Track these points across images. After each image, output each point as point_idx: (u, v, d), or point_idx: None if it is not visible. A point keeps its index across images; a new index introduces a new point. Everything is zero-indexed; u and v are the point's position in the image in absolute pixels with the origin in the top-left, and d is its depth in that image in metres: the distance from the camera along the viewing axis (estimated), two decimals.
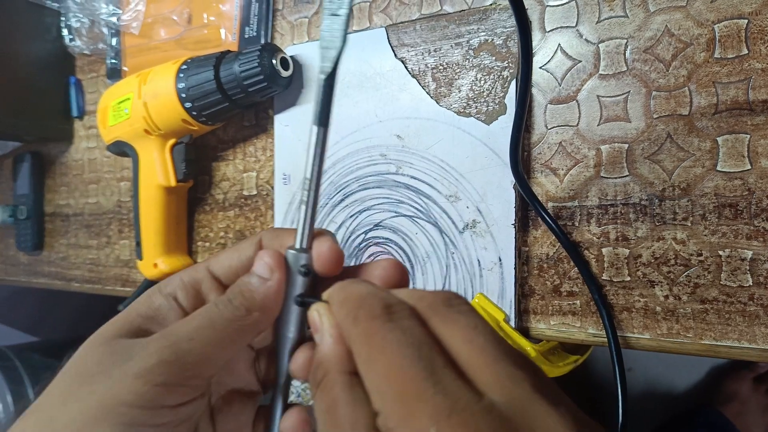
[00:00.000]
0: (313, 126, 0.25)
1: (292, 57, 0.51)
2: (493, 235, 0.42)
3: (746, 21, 0.35)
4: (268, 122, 0.55)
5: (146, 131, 0.55)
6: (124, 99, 0.55)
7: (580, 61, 0.40)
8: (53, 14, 0.71)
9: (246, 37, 0.56)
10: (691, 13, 0.36)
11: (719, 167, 0.35)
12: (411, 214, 0.46)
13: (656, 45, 0.37)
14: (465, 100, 0.43)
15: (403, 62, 0.46)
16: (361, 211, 0.48)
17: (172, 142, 0.55)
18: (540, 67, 0.41)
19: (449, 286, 0.44)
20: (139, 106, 0.54)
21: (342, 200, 0.49)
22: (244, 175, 0.57)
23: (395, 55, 0.46)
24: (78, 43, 0.70)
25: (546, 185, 0.41)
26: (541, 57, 0.41)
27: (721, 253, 0.35)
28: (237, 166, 0.57)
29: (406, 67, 0.46)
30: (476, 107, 0.43)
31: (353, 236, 0.49)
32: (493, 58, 0.42)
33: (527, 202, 0.41)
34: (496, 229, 0.42)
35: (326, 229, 0.27)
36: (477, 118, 0.43)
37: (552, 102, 0.41)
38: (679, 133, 0.37)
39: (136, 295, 0.61)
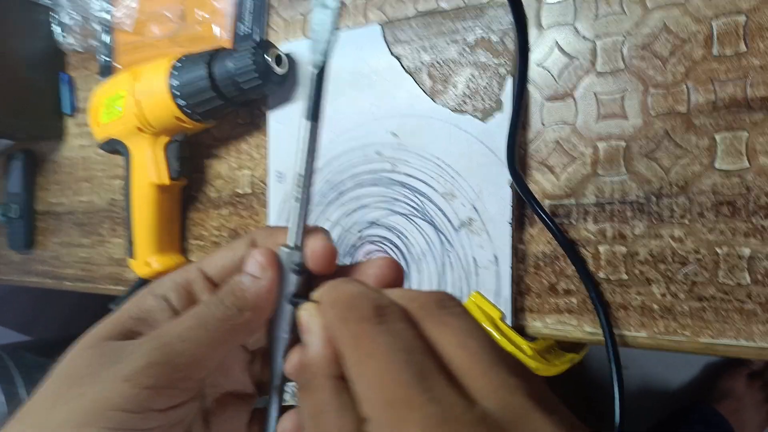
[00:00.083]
0: (304, 121, 0.25)
1: (286, 54, 0.50)
2: (489, 233, 0.41)
3: (744, 17, 0.34)
4: (262, 120, 0.54)
5: (139, 129, 0.54)
6: (116, 96, 0.55)
7: (576, 58, 0.40)
8: (45, 11, 0.71)
9: (240, 34, 0.55)
10: (689, 9, 0.36)
11: (717, 165, 0.35)
12: (406, 212, 0.45)
13: (654, 42, 0.37)
14: (461, 98, 0.43)
15: (398, 59, 0.46)
16: (356, 209, 0.48)
17: (165, 140, 0.55)
18: (537, 64, 0.41)
19: (445, 284, 0.44)
20: (131, 104, 0.53)
21: (337, 198, 0.49)
22: (238, 173, 0.56)
23: (390, 52, 0.46)
24: (70, 40, 0.69)
25: (542, 183, 0.41)
26: (537, 54, 0.41)
27: (718, 250, 0.35)
28: (231, 164, 0.57)
29: (401, 64, 0.45)
30: (472, 104, 0.42)
31: (348, 234, 0.48)
32: (490, 54, 0.42)
33: (524, 200, 0.40)
34: (492, 227, 0.41)
35: (320, 226, 0.27)
36: (473, 115, 0.42)
37: (549, 99, 0.41)
38: (677, 130, 0.36)
39: (129, 294, 0.60)
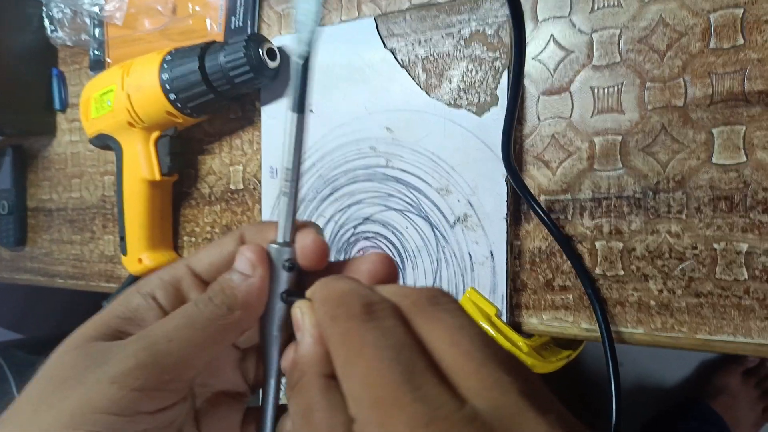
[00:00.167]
0: (290, 113, 0.24)
1: (279, 48, 0.50)
2: (484, 228, 0.41)
3: (742, 10, 0.34)
4: (255, 115, 0.54)
5: (130, 123, 0.53)
6: (106, 91, 0.54)
7: (573, 52, 0.39)
8: (35, 5, 0.69)
9: (232, 27, 0.55)
10: (686, 2, 0.36)
11: (714, 159, 0.35)
12: (401, 208, 0.45)
13: (650, 35, 0.37)
14: (456, 92, 0.42)
15: (392, 53, 0.45)
16: (350, 205, 0.47)
17: (156, 134, 0.54)
18: (532, 58, 0.41)
19: (440, 280, 0.43)
20: (122, 98, 0.52)
21: (331, 194, 0.48)
22: (231, 168, 0.56)
23: (385, 45, 0.45)
24: (60, 34, 0.68)
25: (538, 178, 0.40)
26: (533, 47, 0.41)
27: (716, 246, 0.35)
28: (223, 160, 0.56)
29: (395, 57, 0.45)
30: (467, 99, 0.42)
31: (342, 230, 0.48)
32: (485, 48, 0.41)
33: (519, 196, 0.40)
34: (487, 223, 0.41)
35: (310, 220, 0.26)
36: (468, 109, 0.42)
37: (544, 93, 0.40)
38: (674, 124, 0.36)
39: (121, 291, 0.60)
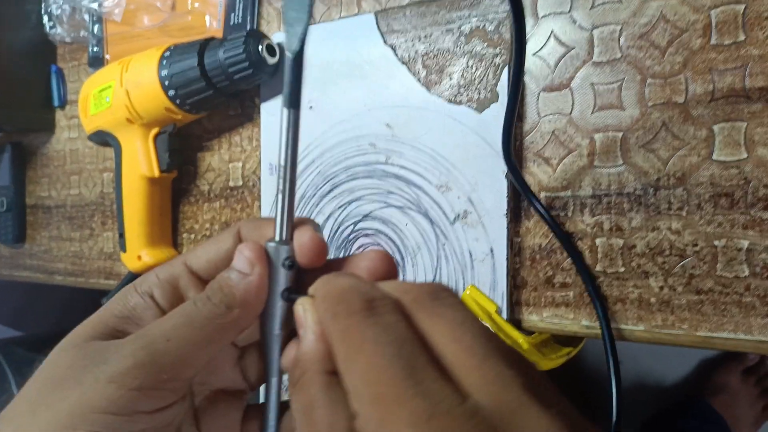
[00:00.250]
0: (284, 109, 0.24)
1: (278, 44, 0.49)
2: (484, 225, 0.41)
3: (743, 6, 0.34)
4: (254, 111, 0.53)
5: (128, 120, 0.53)
6: (105, 87, 0.54)
7: (573, 48, 0.39)
8: (33, 1, 0.69)
9: (231, 23, 0.54)
10: None
11: (715, 156, 0.35)
12: (401, 205, 0.45)
13: (651, 31, 0.37)
14: (456, 88, 0.42)
15: (392, 49, 0.45)
16: (349, 202, 0.47)
17: (155, 131, 0.54)
18: (532, 54, 0.40)
19: (440, 277, 0.43)
20: (120, 95, 0.52)
21: (330, 191, 0.48)
22: (230, 165, 0.55)
23: (384, 41, 0.45)
24: (59, 30, 0.68)
25: (538, 175, 0.40)
26: (533, 44, 0.40)
27: (716, 243, 0.35)
28: (222, 157, 0.56)
29: (395, 54, 0.45)
30: (467, 95, 0.42)
31: (342, 228, 0.48)
32: (485, 44, 0.41)
33: (519, 192, 0.40)
34: (487, 220, 0.41)
35: (308, 217, 0.26)
36: (468, 106, 0.42)
37: (545, 90, 0.40)
38: (675, 121, 0.36)
39: (120, 288, 0.59)
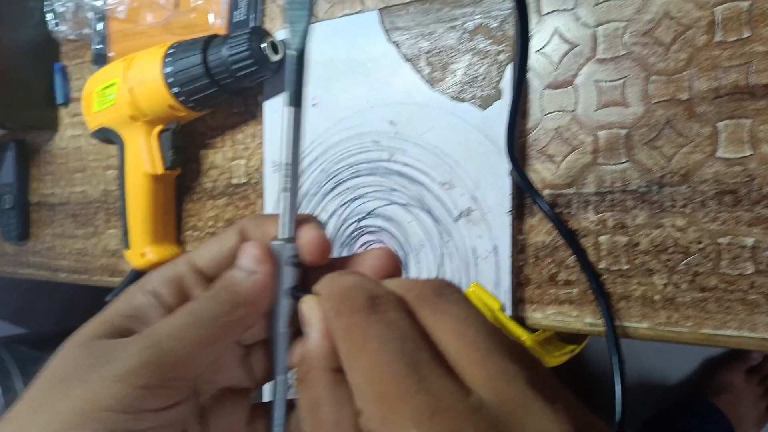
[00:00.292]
0: (286, 107, 0.24)
1: (282, 41, 0.49)
2: (488, 223, 0.41)
3: (749, 3, 0.34)
4: (258, 109, 0.53)
5: (132, 117, 0.53)
6: (109, 84, 0.54)
7: (577, 45, 0.39)
8: None
9: (235, 21, 0.54)
10: None
11: (719, 153, 0.35)
12: (404, 202, 0.45)
13: (655, 28, 0.36)
14: (460, 85, 0.42)
15: (396, 46, 0.45)
16: (353, 200, 0.47)
17: (158, 128, 0.54)
18: (536, 51, 0.40)
19: (444, 275, 0.43)
20: (124, 92, 0.52)
21: (333, 188, 0.48)
22: (233, 162, 0.55)
23: (388, 38, 0.45)
24: (63, 28, 0.68)
25: (542, 172, 0.40)
26: (537, 41, 0.40)
27: (721, 240, 0.35)
28: (226, 154, 0.56)
29: (399, 51, 0.45)
30: (471, 92, 0.42)
31: (345, 225, 0.48)
32: (489, 41, 0.41)
33: (523, 190, 0.40)
34: (491, 217, 0.41)
35: (311, 214, 0.26)
36: (472, 103, 0.42)
37: (548, 87, 0.40)
38: (679, 118, 0.36)
39: (124, 285, 0.60)
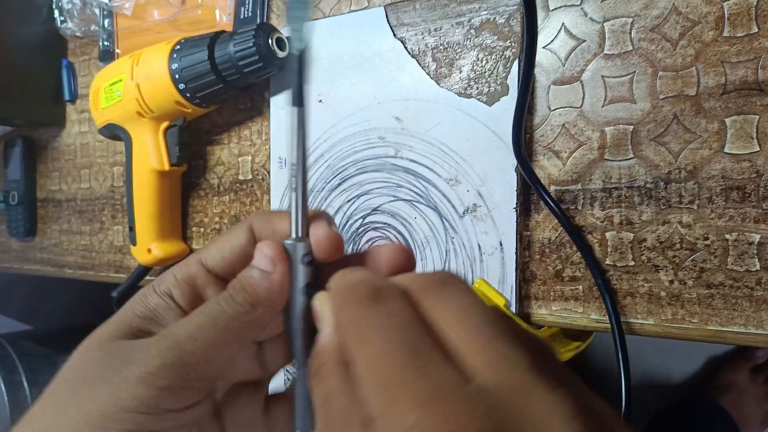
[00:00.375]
0: (291, 107, 0.24)
1: (288, 37, 0.49)
2: (494, 219, 0.41)
3: None
4: (264, 105, 0.54)
5: (139, 114, 0.53)
6: (116, 81, 0.54)
7: (584, 41, 0.39)
8: None
9: (241, 17, 0.55)
10: None
11: (727, 149, 0.35)
12: (410, 198, 0.45)
13: (663, 24, 0.36)
14: (466, 81, 0.42)
15: (402, 42, 0.45)
16: (358, 196, 0.47)
17: (165, 125, 0.54)
18: (543, 47, 0.40)
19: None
20: (131, 88, 0.52)
21: (339, 184, 0.48)
22: (240, 159, 0.56)
23: (394, 35, 0.45)
24: (70, 25, 0.68)
25: (548, 168, 0.40)
26: (544, 36, 0.40)
27: (727, 236, 0.34)
28: (232, 150, 0.56)
29: (405, 47, 0.45)
30: (477, 88, 0.42)
31: (351, 221, 0.48)
32: (495, 37, 0.41)
33: (529, 186, 0.40)
34: (497, 213, 0.41)
35: (322, 210, 0.26)
36: (478, 99, 0.42)
37: (555, 83, 0.40)
38: (686, 114, 0.36)
39: (130, 282, 0.60)
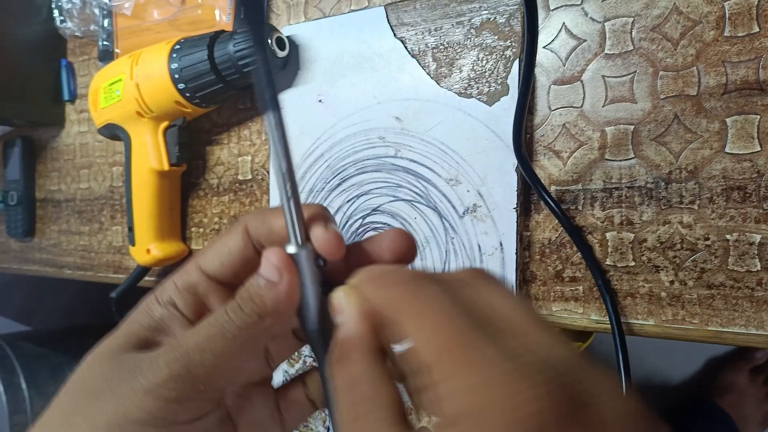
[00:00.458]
0: (266, 114, 0.23)
1: (288, 37, 0.49)
2: (494, 219, 0.41)
3: None
4: None
5: (138, 113, 0.53)
6: (115, 80, 0.54)
7: (585, 41, 0.39)
8: None
9: (241, 17, 0.54)
10: None
11: (728, 149, 0.34)
12: (410, 199, 0.45)
13: (664, 23, 0.36)
14: (466, 81, 0.42)
15: (402, 42, 0.45)
16: (358, 196, 0.47)
17: (164, 124, 0.54)
18: (543, 47, 0.40)
19: (449, 271, 0.43)
20: (131, 88, 0.52)
21: (339, 184, 0.48)
22: (239, 159, 0.56)
23: (394, 34, 0.45)
24: (69, 24, 0.68)
25: (549, 168, 0.40)
26: (544, 36, 0.40)
27: (728, 237, 0.34)
28: (231, 150, 0.56)
29: (405, 47, 0.45)
30: (478, 88, 0.42)
31: (351, 221, 0.48)
32: (496, 37, 0.41)
33: (529, 186, 0.40)
34: (497, 214, 0.41)
35: (318, 205, 0.26)
36: (478, 99, 0.41)
37: (556, 83, 0.40)
38: (687, 114, 0.36)
39: (129, 282, 0.60)
